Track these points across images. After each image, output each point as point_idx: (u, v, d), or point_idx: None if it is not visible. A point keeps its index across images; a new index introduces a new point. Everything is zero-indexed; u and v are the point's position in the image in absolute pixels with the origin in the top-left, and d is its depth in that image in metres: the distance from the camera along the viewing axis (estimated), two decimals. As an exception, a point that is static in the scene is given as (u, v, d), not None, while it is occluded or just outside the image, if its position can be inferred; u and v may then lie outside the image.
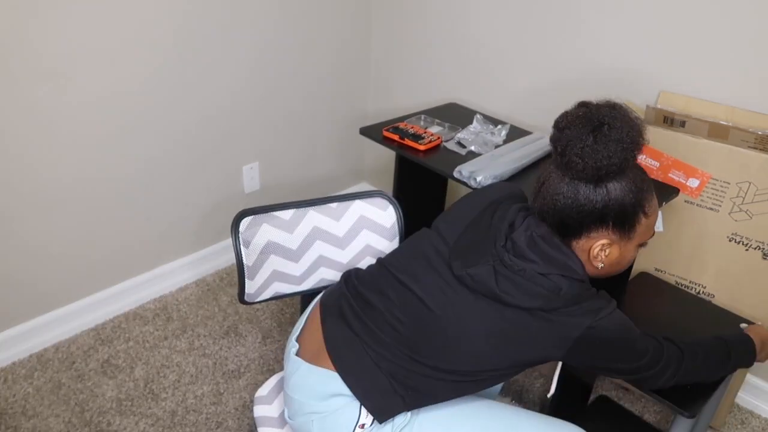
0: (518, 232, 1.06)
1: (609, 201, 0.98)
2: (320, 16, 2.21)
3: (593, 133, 0.96)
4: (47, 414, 1.68)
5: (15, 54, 1.55)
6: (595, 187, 0.98)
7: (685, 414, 1.18)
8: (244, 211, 1.27)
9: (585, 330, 0.99)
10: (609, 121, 0.96)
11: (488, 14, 2.03)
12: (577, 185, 0.98)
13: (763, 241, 1.53)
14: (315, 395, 1.11)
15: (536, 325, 1.00)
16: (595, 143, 0.95)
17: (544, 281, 1.00)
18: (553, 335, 1.00)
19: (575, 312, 1.00)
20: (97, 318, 2.00)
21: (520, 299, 1.00)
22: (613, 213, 0.99)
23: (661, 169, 1.62)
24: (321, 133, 2.45)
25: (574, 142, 0.96)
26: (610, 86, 1.80)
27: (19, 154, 1.65)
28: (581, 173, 0.97)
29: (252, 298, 1.33)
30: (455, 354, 1.05)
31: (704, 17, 1.57)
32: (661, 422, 1.77)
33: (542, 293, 1.00)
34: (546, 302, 0.99)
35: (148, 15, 1.75)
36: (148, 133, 1.90)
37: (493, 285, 1.01)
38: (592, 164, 0.95)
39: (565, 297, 1.00)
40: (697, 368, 1.12)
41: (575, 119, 0.98)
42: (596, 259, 1.03)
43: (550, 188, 1.01)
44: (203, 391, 1.78)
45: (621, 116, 0.97)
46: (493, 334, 1.02)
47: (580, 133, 0.96)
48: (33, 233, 1.76)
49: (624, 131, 0.96)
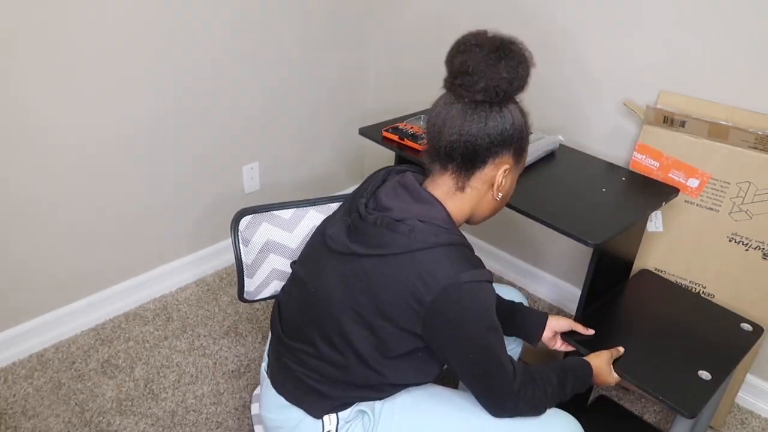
0: (384, 186, 1.07)
1: (513, 122, 1.00)
2: (320, 17, 2.21)
3: (501, 52, 0.97)
4: (47, 414, 1.68)
5: (15, 54, 1.55)
6: (500, 110, 0.99)
7: (686, 414, 1.17)
8: (244, 209, 1.27)
9: (455, 282, 0.93)
10: (509, 39, 0.99)
11: (487, 14, 2.03)
12: (483, 113, 0.98)
13: (763, 241, 1.53)
14: (275, 409, 1.13)
15: (390, 269, 0.96)
16: (506, 62, 0.96)
17: (397, 226, 0.97)
18: (412, 277, 0.94)
19: (439, 255, 0.95)
20: (97, 318, 2.00)
21: (372, 248, 0.98)
22: (515, 136, 1.01)
23: (661, 169, 1.62)
24: (321, 133, 2.45)
25: (486, 61, 0.96)
26: (610, 86, 1.80)
27: (18, 154, 1.65)
28: (493, 92, 0.96)
29: (251, 297, 1.34)
30: (340, 330, 1.03)
31: (704, 17, 1.57)
32: (661, 422, 1.77)
33: (393, 238, 0.96)
34: (398, 246, 0.96)
35: (149, 15, 1.75)
36: (148, 133, 1.90)
37: (344, 239, 1.02)
38: (505, 84, 0.96)
39: (422, 237, 0.95)
40: (539, 399, 1.07)
41: (476, 43, 0.98)
42: (499, 187, 1.04)
43: (455, 125, 0.99)
44: (203, 391, 1.78)
45: (511, 36, 1.00)
46: (352, 288, 1.00)
47: (490, 52, 0.96)
48: (33, 233, 1.76)
49: (523, 47, 0.99)
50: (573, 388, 1.13)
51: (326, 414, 1.08)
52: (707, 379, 1.25)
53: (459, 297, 0.94)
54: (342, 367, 1.05)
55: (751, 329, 1.43)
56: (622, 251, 1.57)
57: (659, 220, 1.66)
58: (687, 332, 1.41)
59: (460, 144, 0.99)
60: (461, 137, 0.98)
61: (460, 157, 1.00)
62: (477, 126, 0.98)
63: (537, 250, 2.22)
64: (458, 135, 0.99)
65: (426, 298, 0.93)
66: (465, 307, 0.94)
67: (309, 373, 1.08)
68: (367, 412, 1.09)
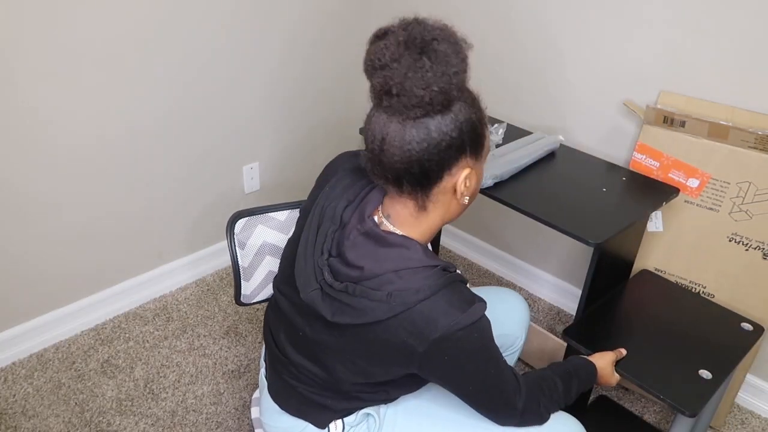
0: (345, 231, 0.97)
1: (461, 124, 0.87)
2: (320, 16, 2.21)
3: (425, 55, 0.83)
4: (47, 414, 1.68)
5: (15, 54, 1.55)
6: (443, 116, 0.85)
7: (687, 413, 1.18)
8: (239, 212, 1.26)
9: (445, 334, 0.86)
10: (433, 35, 0.84)
11: (487, 14, 2.03)
12: (424, 122, 0.85)
13: (763, 241, 1.53)
14: (278, 417, 1.12)
15: (375, 334, 0.90)
16: (433, 64, 0.82)
17: (372, 294, 0.89)
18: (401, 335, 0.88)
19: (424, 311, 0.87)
20: (97, 318, 2.00)
21: (353, 318, 0.90)
22: (467, 135, 0.88)
23: (661, 169, 1.62)
24: (321, 134, 2.45)
25: (410, 73, 0.82)
26: (610, 86, 1.80)
27: (18, 154, 1.65)
28: (429, 105, 0.83)
29: (248, 300, 1.33)
30: (334, 370, 0.99)
31: (704, 17, 1.57)
32: (661, 422, 1.77)
33: (372, 306, 0.88)
34: (380, 312, 0.88)
35: (150, 17, 1.75)
36: (148, 134, 1.90)
37: (321, 307, 0.93)
38: (439, 88, 0.82)
39: (402, 300, 0.87)
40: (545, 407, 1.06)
41: (397, 49, 0.83)
42: (463, 194, 0.93)
43: (395, 142, 0.86)
44: (203, 391, 1.78)
45: (435, 25, 0.86)
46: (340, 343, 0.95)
47: (412, 61, 0.82)
48: (33, 233, 1.76)
49: (453, 38, 0.85)
50: (578, 391, 1.12)
51: (331, 422, 1.08)
52: (708, 378, 1.25)
53: (451, 344, 0.88)
54: (343, 384, 1.03)
55: (751, 329, 1.43)
56: (622, 251, 1.57)
57: (659, 220, 1.66)
58: (687, 332, 1.41)
59: (407, 165, 0.87)
60: (405, 158, 0.86)
61: (412, 178, 0.89)
62: (419, 143, 0.85)
63: (537, 250, 2.22)
64: (401, 156, 0.86)
65: (418, 350, 0.88)
66: (459, 351, 0.90)
67: (311, 389, 1.06)
68: (373, 414, 1.08)
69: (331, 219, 1.00)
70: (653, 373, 1.26)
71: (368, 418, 1.09)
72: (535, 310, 2.19)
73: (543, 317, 2.16)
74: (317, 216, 1.02)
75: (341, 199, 1.02)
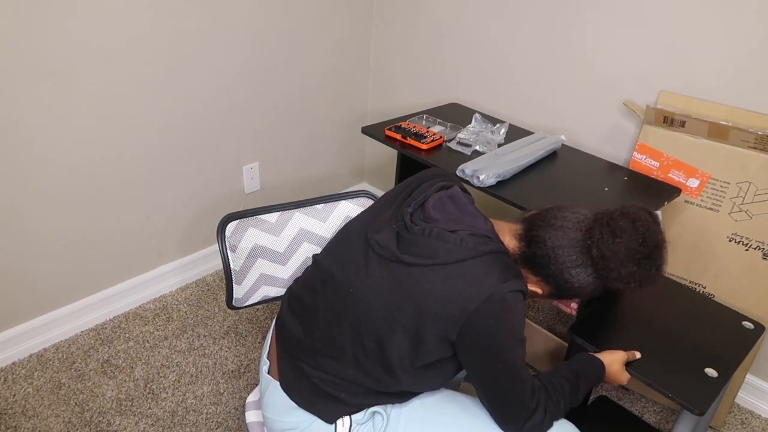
0: (432, 197, 1.07)
1: (583, 285, 1.04)
2: (320, 16, 2.21)
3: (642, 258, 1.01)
4: (47, 414, 1.67)
5: (15, 54, 1.54)
6: (590, 272, 1.03)
7: (695, 411, 1.17)
8: (230, 215, 1.25)
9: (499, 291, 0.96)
10: (648, 236, 1.01)
11: (489, 15, 2.03)
12: (582, 264, 1.02)
13: (763, 241, 1.54)
14: (285, 412, 1.11)
15: (437, 277, 0.98)
16: (643, 263, 1.01)
17: (447, 235, 0.99)
18: (459, 286, 0.97)
19: (486, 264, 0.98)
20: (97, 318, 1.99)
21: (422, 258, 0.99)
22: (560, 289, 1.05)
23: (661, 169, 1.63)
24: (321, 133, 2.45)
25: (627, 267, 1.00)
26: (611, 86, 1.80)
27: (18, 155, 1.64)
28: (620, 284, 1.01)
29: (240, 303, 1.32)
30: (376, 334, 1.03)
31: (704, 17, 1.58)
32: (661, 422, 1.77)
33: (444, 247, 0.98)
34: (447, 255, 0.98)
35: (148, 15, 1.75)
36: (148, 133, 1.89)
37: (394, 248, 1.01)
38: (635, 283, 1.01)
39: (472, 245, 0.98)
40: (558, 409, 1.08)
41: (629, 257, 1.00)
42: (535, 293, 1.08)
43: (557, 246, 1.02)
44: (203, 391, 1.78)
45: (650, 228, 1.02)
46: (395, 293, 1.01)
47: (634, 257, 1.00)
48: (33, 233, 1.75)
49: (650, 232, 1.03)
50: (585, 390, 1.13)
51: (339, 418, 1.08)
52: (714, 376, 1.25)
53: (500, 306, 0.96)
54: (365, 372, 1.04)
55: (752, 327, 1.43)
56: (623, 251, 1.58)
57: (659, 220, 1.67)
58: (690, 331, 1.41)
59: (544, 255, 1.02)
60: (551, 257, 1.02)
61: (533, 258, 1.03)
62: (567, 267, 1.01)
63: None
64: (550, 252, 1.02)
65: (470, 306, 0.95)
66: (503, 317, 0.96)
67: (328, 378, 1.07)
68: (381, 412, 1.09)
69: (421, 191, 1.10)
70: (660, 372, 1.26)
71: (375, 416, 1.09)
72: (535, 310, 2.19)
73: (543, 317, 2.16)
74: (408, 189, 1.13)
75: (432, 188, 1.12)
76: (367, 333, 1.03)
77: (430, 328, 0.98)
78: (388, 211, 1.11)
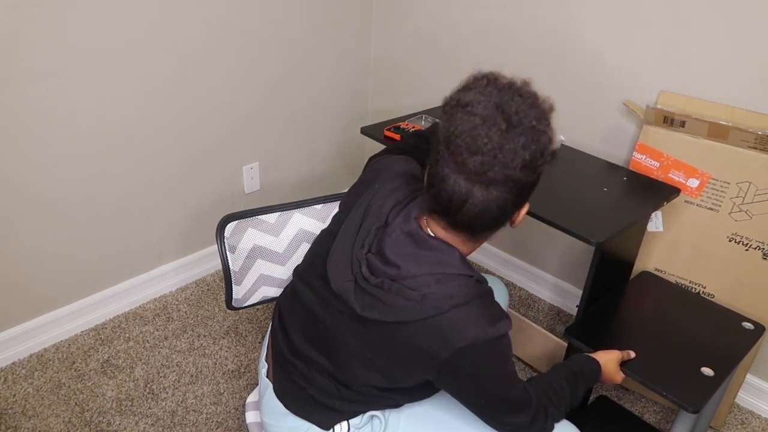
0: (389, 229, 0.97)
1: (522, 187, 0.88)
2: (320, 16, 2.21)
3: (508, 130, 0.83)
4: (47, 414, 1.67)
5: (15, 54, 1.54)
6: (525, 172, 0.86)
7: (689, 409, 1.18)
8: (229, 216, 1.25)
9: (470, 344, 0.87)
10: (517, 107, 0.84)
11: (488, 14, 2.03)
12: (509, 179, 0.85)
13: (763, 241, 1.54)
14: (281, 417, 1.11)
15: (402, 334, 0.91)
16: (522, 136, 0.83)
17: (407, 293, 0.90)
18: (427, 340, 0.89)
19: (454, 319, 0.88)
20: (97, 318, 1.99)
21: (383, 315, 0.91)
22: (526, 192, 0.90)
23: (661, 169, 1.63)
24: (321, 133, 2.45)
25: (501, 154, 0.83)
26: (611, 86, 1.80)
27: (18, 155, 1.64)
28: (519, 169, 0.85)
29: (239, 304, 1.32)
30: (349, 369, 1.00)
31: (704, 17, 1.57)
32: (661, 422, 1.77)
33: (404, 306, 0.89)
34: (410, 314, 0.89)
35: (149, 16, 1.75)
36: (148, 133, 1.90)
37: (352, 300, 0.94)
38: (530, 156, 0.84)
39: (435, 303, 0.88)
40: (559, 411, 1.07)
41: (497, 137, 0.83)
42: (517, 222, 0.96)
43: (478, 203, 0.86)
44: (203, 391, 1.78)
45: (522, 93, 0.86)
46: (363, 340, 0.96)
47: (508, 143, 0.83)
48: (33, 233, 1.76)
49: (535, 102, 0.86)
50: (583, 390, 1.13)
51: (337, 423, 1.07)
52: (710, 375, 1.25)
53: (474, 355, 0.89)
54: (354, 390, 1.03)
55: (752, 328, 1.44)
56: (623, 251, 1.58)
57: (659, 220, 1.67)
58: (688, 331, 1.41)
59: (483, 219, 0.88)
60: (485, 214, 0.87)
61: (481, 227, 0.90)
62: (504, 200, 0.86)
63: (537, 249, 2.22)
64: (481, 214, 0.87)
65: (440, 356, 0.89)
66: (480, 364, 0.91)
67: (320, 391, 1.06)
68: (378, 416, 1.09)
69: (377, 216, 1.00)
70: (656, 371, 1.26)
71: (374, 419, 1.09)
72: (535, 310, 2.19)
73: (543, 317, 2.16)
74: (362, 211, 1.03)
75: (389, 198, 1.02)
76: (345, 365, 1.01)
77: (404, 370, 0.96)
78: (346, 244, 1.01)
